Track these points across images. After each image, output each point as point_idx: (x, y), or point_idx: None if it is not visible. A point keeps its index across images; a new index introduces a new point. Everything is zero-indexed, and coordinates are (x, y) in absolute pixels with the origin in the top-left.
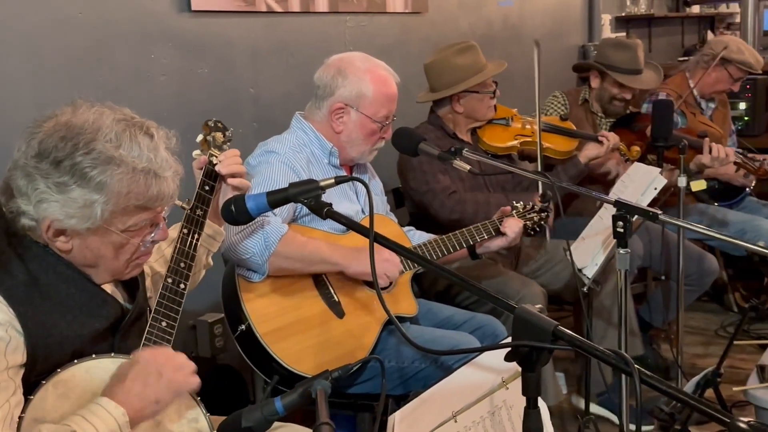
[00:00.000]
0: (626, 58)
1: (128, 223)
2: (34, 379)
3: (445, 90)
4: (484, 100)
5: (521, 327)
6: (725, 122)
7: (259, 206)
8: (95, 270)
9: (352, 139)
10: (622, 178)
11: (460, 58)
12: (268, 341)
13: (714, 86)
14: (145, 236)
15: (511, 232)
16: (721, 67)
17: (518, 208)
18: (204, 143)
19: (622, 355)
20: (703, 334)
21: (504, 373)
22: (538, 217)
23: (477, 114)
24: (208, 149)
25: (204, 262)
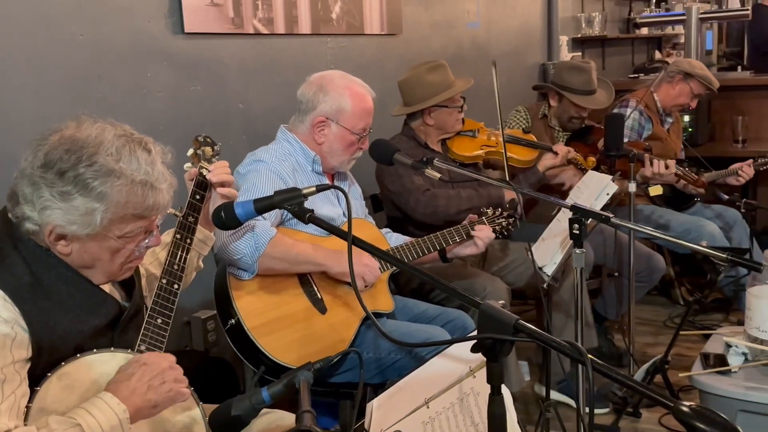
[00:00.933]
0: (581, 81)
1: (125, 230)
2: (39, 372)
3: (418, 104)
4: (453, 114)
5: (486, 321)
6: (678, 136)
7: (247, 212)
8: (92, 271)
9: (332, 150)
10: (578, 185)
11: (431, 75)
12: (256, 335)
13: (676, 99)
14: (139, 242)
15: (482, 243)
16: (684, 81)
17: (487, 213)
18: (194, 157)
19: (576, 345)
20: (652, 325)
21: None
22: (506, 222)
23: (446, 126)
24: (198, 162)
25: (195, 265)
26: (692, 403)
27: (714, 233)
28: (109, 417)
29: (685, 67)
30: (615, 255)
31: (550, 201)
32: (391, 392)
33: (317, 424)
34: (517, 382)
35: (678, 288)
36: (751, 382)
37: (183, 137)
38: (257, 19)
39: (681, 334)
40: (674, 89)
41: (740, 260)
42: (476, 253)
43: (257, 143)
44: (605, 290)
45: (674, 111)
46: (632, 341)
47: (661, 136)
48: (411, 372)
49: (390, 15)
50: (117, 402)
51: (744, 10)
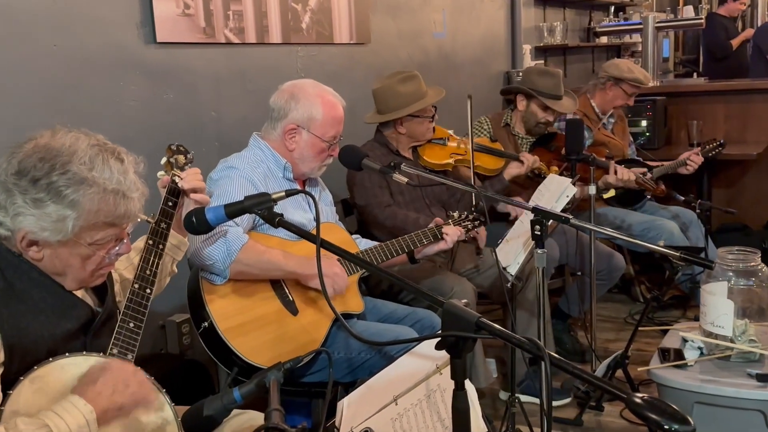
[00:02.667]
0: (550, 84)
1: (96, 237)
2: (13, 376)
3: (390, 114)
4: (424, 124)
5: (449, 319)
6: (624, 134)
7: (218, 217)
8: (63, 278)
9: (303, 157)
10: (540, 188)
11: (404, 86)
12: (228, 337)
13: (613, 102)
14: (110, 249)
15: (450, 240)
16: (615, 86)
17: (453, 216)
18: (167, 165)
19: (534, 341)
20: (613, 322)
21: (438, 360)
22: (471, 225)
23: (417, 135)
24: (171, 170)
25: (169, 270)
26: (645, 395)
27: (673, 231)
28: (76, 418)
29: (614, 72)
30: (577, 255)
31: (513, 204)
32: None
33: (285, 422)
34: (485, 379)
35: (638, 286)
36: (706, 375)
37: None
38: (228, 28)
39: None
40: (608, 95)
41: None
42: (444, 248)
43: (229, 150)
44: (568, 289)
45: (615, 110)
46: (594, 337)
47: (603, 141)
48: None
49: (358, 25)
50: (84, 403)
51: (698, 19)
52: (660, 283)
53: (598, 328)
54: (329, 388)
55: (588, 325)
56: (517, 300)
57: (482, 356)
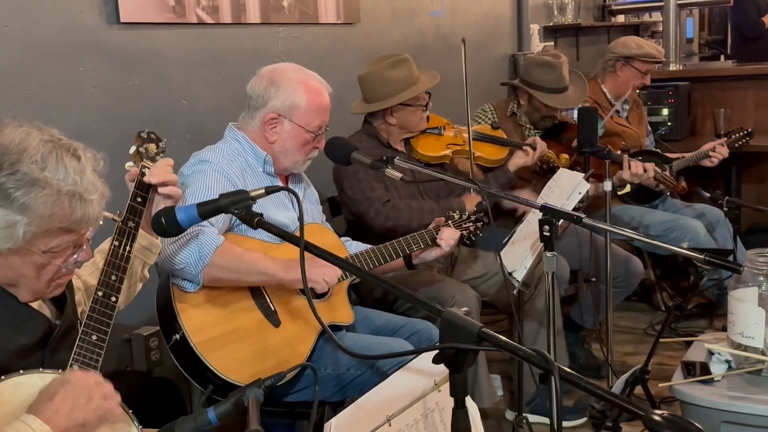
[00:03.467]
0: (551, 78)
1: (50, 244)
2: None
3: (379, 103)
4: (417, 113)
5: (448, 330)
6: (641, 122)
7: (190, 217)
8: (17, 289)
9: (285, 149)
10: (549, 184)
11: (394, 71)
12: (203, 350)
13: (627, 84)
14: (67, 257)
15: (446, 245)
16: (626, 66)
17: (454, 217)
18: (136, 155)
19: (543, 354)
20: (632, 333)
21: (437, 376)
22: (473, 227)
23: (409, 125)
24: (141, 160)
25: (140, 275)
26: (665, 412)
27: (698, 231)
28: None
29: (621, 51)
30: (591, 259)
31: (519, 201)
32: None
33: None
34: (489, 398)
35: (659, 293)
36: (734, 392)
37: (120, 138)
38: (201, 7)
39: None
40: (620, 77)
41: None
42: (441, 254)
43: (202, 143)
44: (581, 297)
45: (631, 95)
46: (611, 351)
47: (616, 130)
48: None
49: (347, 2)
50: (40, 423)
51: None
52: (683, 289)
53: (615, 340)
54: (315, 408)
55: (604, 336)
56: (525, 309)
57: (486, 372)
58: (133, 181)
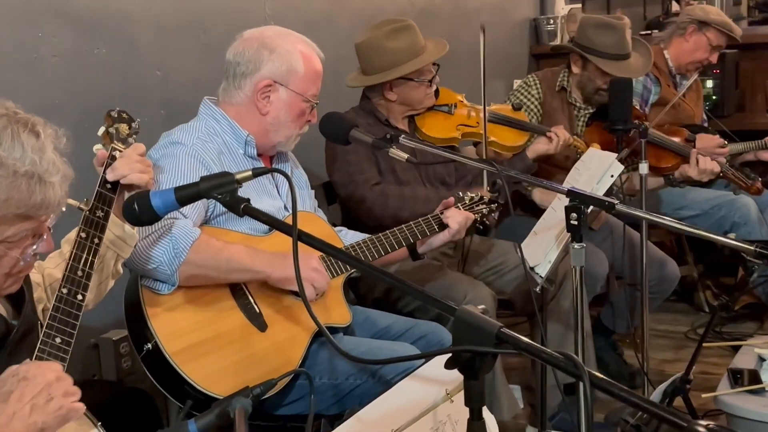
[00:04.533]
0: (611, 42)
1: (6, 233)
2: None
3: (376, 76)
4: (420, 88)
5: (463, 330)
6: (698, 104)
7: (167, 203)
8: None
9: (279, 122)
10: (577, 166)
11: (394, 40)
12: (179, 361)
13: (692, 55)
14: (25, 248)
15: (455, 223)
16: (699, 32)
17: (464, 200)
18: (106, 136)
19: (571, 357)
20: (671, 338)
21: (449, 384)
22: (487, 210)
23: (412, 102)
24: (111, 143)
25: (112, 270)
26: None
27: (749, 209)
28: None
29: (699, 15)
30: (625, 257)
31: (542, 186)
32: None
33: None
34: (508, 410)
35: (702, 291)
36: None
37: (84, 114)
38: None
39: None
40: (688, 42)
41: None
42: (448, 239)
43: (179, 120)
44: (614, 297)
45: (691, 71)
46: (646, 357)
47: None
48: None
49: None
50: None
51: None
52: (730, 287)
53: (652, 345)
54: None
55: (638, 341)
56: (549, 309)
57: (504, 381)
58: (102, 166)
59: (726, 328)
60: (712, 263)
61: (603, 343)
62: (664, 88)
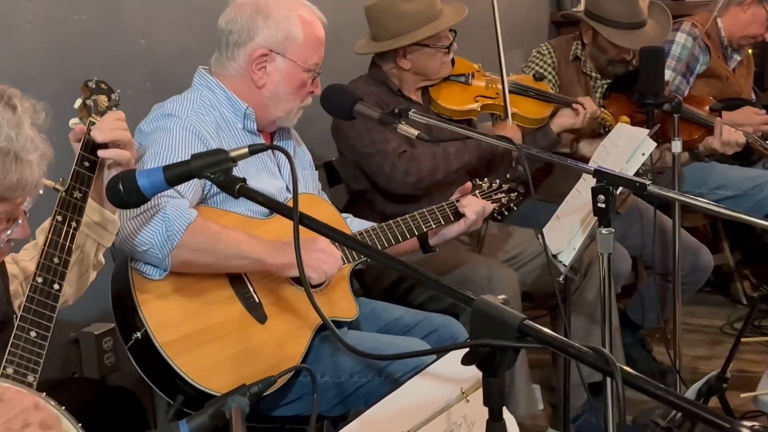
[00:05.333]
0: (621, 10)
1: None
2: None
3: (389, 41)
4: (437, 56)
5: (481, 323)
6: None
7: (155, 183)
8: None
9: (278, 94)
10: (604, 143)
11: (408, 3)
12: (171, 353)
13: (746, 28)
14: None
15: (472, 213)
16: (759, 4)
17: (482, 186)
18: (83, 109)
19: (600, 351)
20: (706, 332)
21: (464, 382)
22: (506, 198)
23: (427, 71)
24: (88, 116)
25: (93, 260)
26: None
27: None
28: None
29: None
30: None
31: (567, 164)
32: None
33: None
34: (526, 405)
35: (739, 282)
36: None
37: (63, 86)
38: None
39: (743, 342)
40: (745, 14)
41: None
42: (466, 229)
43: (166, 93)
44: (642, 288)
45: (744, 46)
46: (679, 354)
47: (721, 74)
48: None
49: None
50: None
51: None
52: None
53: (685, 341)
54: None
55: (670, 336)
56: (572, 301)
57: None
58: (80, 142)
59: (766, 322)
60: (750, 250)
61: (630, 339)
62: (713, 59)
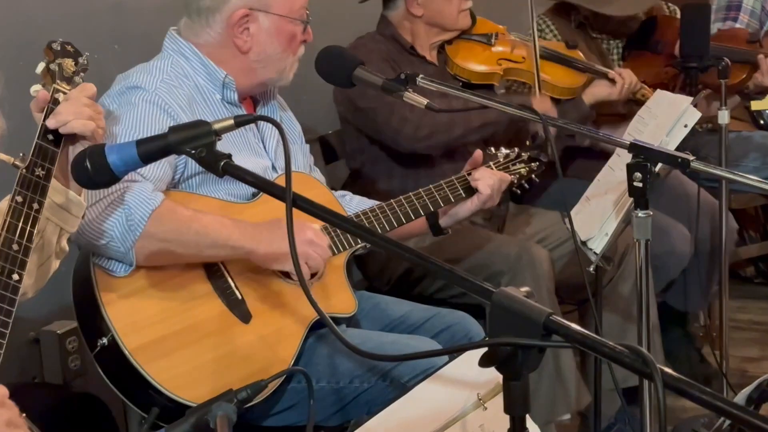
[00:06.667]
0: None
1: None
2: None
3: None
4: (453, 1)
5: (501, 318)
6: None
7: (126, 160)
8: None
9: (268, 55)
10: (641, 113)
11: None
12: (141, 360)
13: None
14: None
15: (486, 187)
16: None
17: (497, 157)
18: (46, 74)
19: (637, 350)
20: (757, 330)
21: (481, 387)
22: (526, 170)
23: (443, 20)
24: (53, 82)
25: (56, 247)
26: None
27: None
28: None
29: None
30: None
31: (598, 137)
32: None
33: None
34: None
35: None
36: None
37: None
38: None
39: None
40: None
41: None
42: (480, 206)
43: (137, 58)
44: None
45: None
46: (726, 354)
47: None
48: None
49: None
50: None
51: None
52: None
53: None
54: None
55: (715, 334)
56: (604, 295)
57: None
58: (43, 112)
59: None
60: None
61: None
62: None
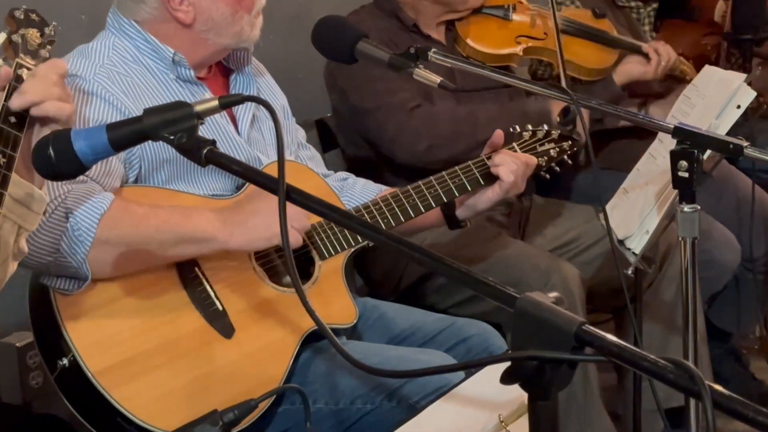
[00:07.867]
0: None
1: None
2: None
3: None
4: None
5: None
6: None
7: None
8: None
9: (216, 22)
10: (685, 93)
11: None
12: (106, 384)
13: None
14: None
15: (508, 173)
16: None
17: (522, 136)
18: (8, 47)
19: (683, 365)
20: None
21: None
22: (556, 150)
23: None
24: (16, 56)
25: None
26: None
27: None
28: None
29: None
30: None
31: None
32: None
33: None
34: None
35: None
36: None
37: None
38: None
39: None
40: None
41: None
42: (503, 195)
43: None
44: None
45: None
46: None
47: None
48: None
49: None
50: None
51: None
52: None
53: None
54: None
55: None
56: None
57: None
58: (5, 90)
59: None
60: None
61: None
62: None
